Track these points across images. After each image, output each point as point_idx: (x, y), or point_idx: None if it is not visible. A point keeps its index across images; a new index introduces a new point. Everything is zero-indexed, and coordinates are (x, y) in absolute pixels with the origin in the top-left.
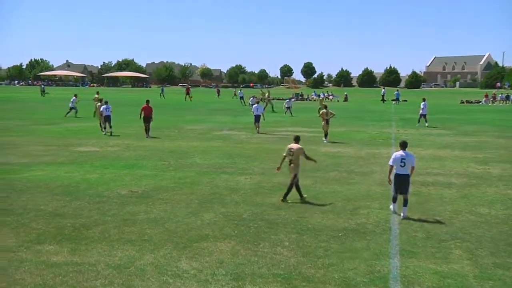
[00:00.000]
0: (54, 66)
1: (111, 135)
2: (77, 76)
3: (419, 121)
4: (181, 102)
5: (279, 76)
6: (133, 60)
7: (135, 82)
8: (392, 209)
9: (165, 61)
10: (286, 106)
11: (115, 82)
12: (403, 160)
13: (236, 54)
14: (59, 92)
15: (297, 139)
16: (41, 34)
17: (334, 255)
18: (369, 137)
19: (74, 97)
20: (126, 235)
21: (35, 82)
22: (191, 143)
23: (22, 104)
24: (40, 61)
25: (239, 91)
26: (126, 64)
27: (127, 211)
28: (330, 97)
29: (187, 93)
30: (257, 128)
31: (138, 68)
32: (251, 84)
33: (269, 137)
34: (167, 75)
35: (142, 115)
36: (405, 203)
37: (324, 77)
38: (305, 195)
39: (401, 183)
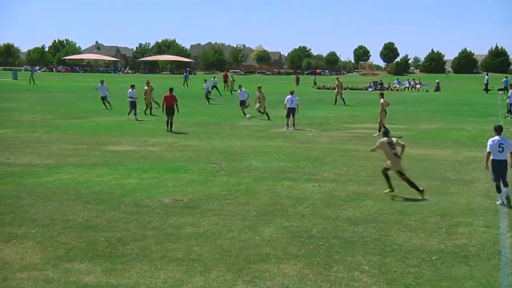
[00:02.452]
0: (82, 49)
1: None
2: (108, 60)
3: (509, 111)
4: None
5: (353, 60)
6: (174, 41)
7: (177, 68)
8: (500, 201)
9: (213, 42)
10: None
11: (154, 67)
12: (500, 145)
13: (299, 33)
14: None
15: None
16: (67, 11)
17: (427, 284)
18: (469, 137)
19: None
20: (170, 252)
21: (59, 68)
22: (246, 142)
23: (44, 95)
24: (65, 42)
25: (213, 79)
26: (166, 46)
27: (170, 224)
28: (418, 85)
29: (225, 81)
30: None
31: (180, 51)
32: (317, 70)
33: (342, 135)
34: (216, 59)
35: (164, 106)
36: (506, 184)
37: (410, 61)
38: None
39: (501, 168)
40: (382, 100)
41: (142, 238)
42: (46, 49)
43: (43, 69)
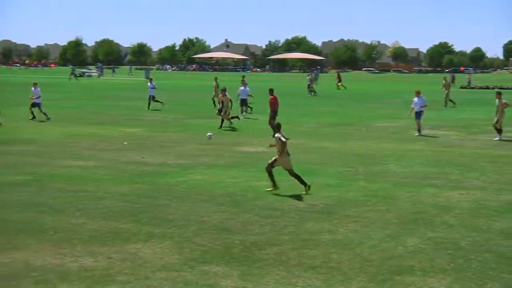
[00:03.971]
0: (211, 47)
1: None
2: (237, 58)
3: None
4: (332, 90)
5: (501, 57)
6: (305, 37)
7: (307, 66)
8: None
9: (345, 39)
10: None
11: (283, 65)
12: None
13: (440, 28)
14: None
15: None
16: (197, 10)
17: None
18: None
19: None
20: (308, 259)
21: (189, 66)
22: (382, 144)
23: (174, 94)
24: (195, 40)
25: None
26: (296, 43)
27: (306, 229)
28: None
29: (339, 80)
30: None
31: (311, 48)
32: (461, 68)
33: (491, 139)
34: (348, 57)
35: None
36: None
37: None
38: None
39: None
40: (503, 100)
41: (278, 243)
42: (177, 48)
43: (173, 68)
